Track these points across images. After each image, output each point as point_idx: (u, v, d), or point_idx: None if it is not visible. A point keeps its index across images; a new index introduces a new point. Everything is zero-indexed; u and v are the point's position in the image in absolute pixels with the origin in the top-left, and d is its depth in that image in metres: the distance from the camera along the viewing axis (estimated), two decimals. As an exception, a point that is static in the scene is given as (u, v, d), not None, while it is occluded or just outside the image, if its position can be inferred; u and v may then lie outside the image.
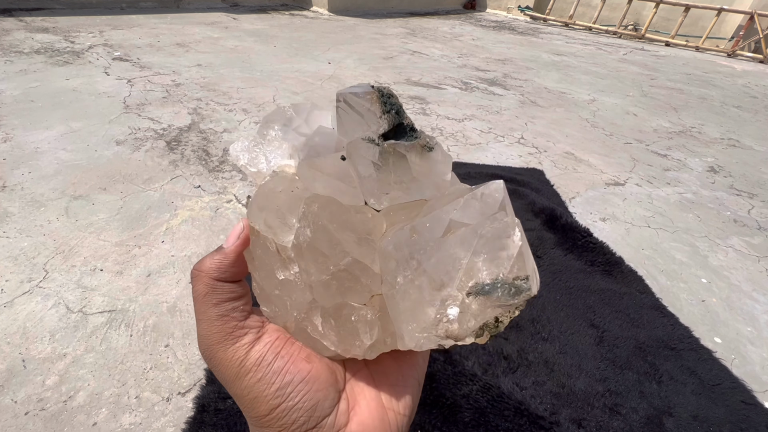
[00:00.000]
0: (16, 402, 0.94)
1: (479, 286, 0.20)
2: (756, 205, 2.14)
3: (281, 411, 0.22)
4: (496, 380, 1.05)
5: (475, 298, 0.20)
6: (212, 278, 0.24)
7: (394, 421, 0.25)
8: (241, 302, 0.25)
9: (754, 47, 6.71)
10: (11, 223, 1.45)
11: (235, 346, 0.23)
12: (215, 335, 0.23)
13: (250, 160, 0.26)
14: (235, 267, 0.25)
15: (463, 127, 2.69)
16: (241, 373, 0.23)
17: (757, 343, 1.31)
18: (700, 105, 3.72)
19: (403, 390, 0.26)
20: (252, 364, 0.23)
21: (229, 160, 1.99)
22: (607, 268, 1.51)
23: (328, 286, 0.23)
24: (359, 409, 0.24)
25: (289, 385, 0.23)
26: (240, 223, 0.26)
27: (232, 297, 0.24)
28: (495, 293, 0.20)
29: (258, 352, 0.23)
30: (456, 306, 0.21)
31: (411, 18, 7.08)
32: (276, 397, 0.22)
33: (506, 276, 0.20)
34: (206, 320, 0.24)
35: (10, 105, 2.30)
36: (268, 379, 0.23)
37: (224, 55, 3.65)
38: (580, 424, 0.99)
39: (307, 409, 0.23)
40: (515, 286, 0.20)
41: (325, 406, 0.23)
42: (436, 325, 0.21)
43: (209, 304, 0.24)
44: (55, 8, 4.76)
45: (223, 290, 0.24)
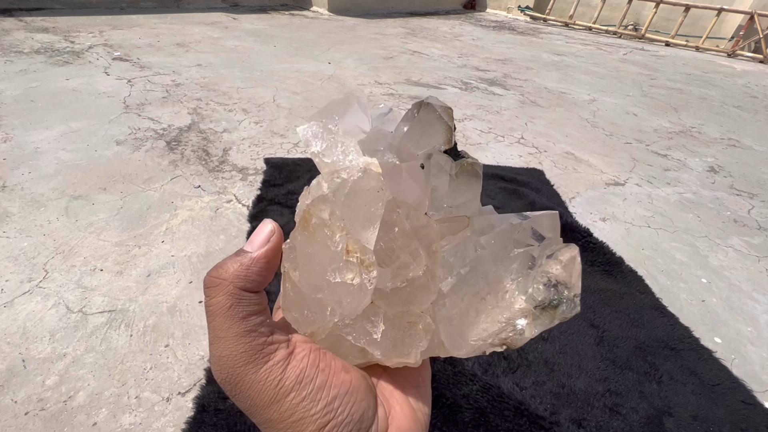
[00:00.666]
0: (16, 402, 0.94)
1: (547, 300, 0.23)
2: (756, 205, 2.14)
3: (331, 428, 0.21)
4: (496, 380, 1.05)
5: (543, 310, 0.22)
6: (238, 287, 0.21)
7: (423, 421, 0.25)
8: (266, 315, 0.22)
9: (754, 47, 6.71)
10: (11, 223, 1.45)
11: (267, 366, 0.21)
12: (242, 355, 0.20)
13: (325, 150, 0.24)
14: (263, 275, 0.22)
15: (463, 127, 2.69)
16: (280, 395, 0.20)
17: (757, 343, 1.31)
18: (700, 105, 3.72)
19: (424, 390, 0.26)
20: (292, 383, 0.21)
21: (231, 153, 1.99)
22: (607, 268, 1.51)
23: (401, 294, 0.22)
24: (395, 414, 0.24)
25: (336, 400, 0.21)
26: (268, 224, 0.23)
27: (258, 310, 0.22)
28: (561, 307, 0.22)
29: (297, 368, 0.21)
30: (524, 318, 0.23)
31: (411, 18, 7.08)
32: (324, 414, 0.21)
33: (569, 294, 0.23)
34: (230, 338, 0.21)
35: (10, 105, 2.30)
36: (313, 396, 0.21)
37: (224, 55, 3.66)
38: (580, 424, 0.99)
39: (356, 422, 0.21)
40: (574, 302, 0.23)
41: (369, 415, 0.23)
42: (498, 334, 0.23)
43: (235, 319, 0.21)
44: (55, 8, 4.76)
45: (250, 302, 0.21)
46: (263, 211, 1.62)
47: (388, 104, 0.25)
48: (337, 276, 0.23)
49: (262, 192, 1.75)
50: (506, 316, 0.23)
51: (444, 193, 0.23)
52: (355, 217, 0.22)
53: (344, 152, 0.24)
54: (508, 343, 0.23)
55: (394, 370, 0.26)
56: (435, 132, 0.23)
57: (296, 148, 2.17)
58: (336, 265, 0.23)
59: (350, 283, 0.22)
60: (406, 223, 0.22)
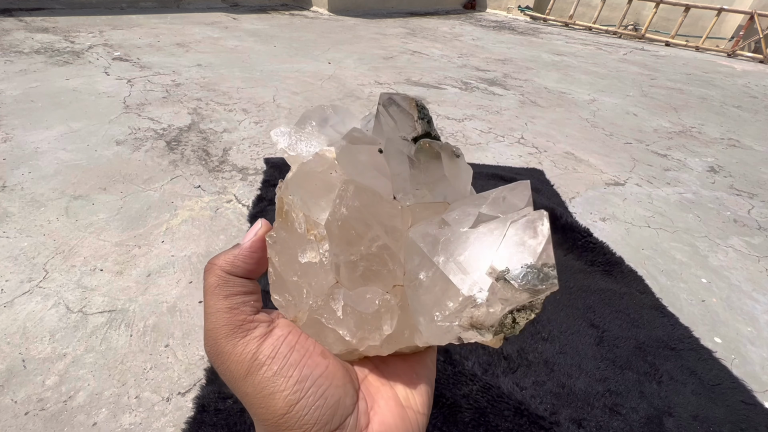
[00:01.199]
0: (16, 402, 0.94)
1: (508, 271, 0.21)
2: (756, 205, 2.14)
3: (301, 408, 0.21)
4: (496, 380, 1.05)
5: (504, 283, 0.21)
6: (224, 271, 0.24)
7: (414, 420, 0.24)
8: (252, 297, 0.24)
9: (754, 47, 6.71)
10: (11, 223, 1.45)
11: (245, 339, 0.22)
12: (223, 328, 0.22)
13: (290, 145, 0.26)
14: (248, 263, 0.24)
15: (463, 127, 2.69)
16: (254, 367, 0.21)
17: (757, 343, 1.31)
18: (700, 105, 3.72)
19: (419, 387, 0.25)
20: (266, 357, 0.21)
21: (231, 153, 1.99)
22: (607, 268, 1.51)
23: (355, 268, 0.23)
24: (379, 409, 0.23)
25: (308, 379, 0.21)
26: (259, 221, 0.26)
27: (243, 291, 0.24)
28: (525, 277, 0.21)
29: (271, 344, 0.22)
30: (485, 291, 0.21)
31: (411, 18, 7.08)
32: (295, 391, 0.21)
33: (535, 262, 0.21)
34: (214, 313, 0.23)
35: (10, 105, 2.30)
36: (285, 372, 0.21)
37: (224, 55, 3.65)
38: (580, 424, 0.99)
39: (330, 407, 0.21)
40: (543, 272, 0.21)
41: (347, 403, 0.22)
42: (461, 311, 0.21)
43: (219, 296, 0.23)
44: (55, 8, 4.76)
45: (234, 283, 0.23)
46: (263, 211, 1.62)
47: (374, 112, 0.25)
48: (305, 256, 0.24)
49: (262, 192, 1.75)
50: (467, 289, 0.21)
51: (407, 176, 0.23)
52: (309, 197, 0.23)
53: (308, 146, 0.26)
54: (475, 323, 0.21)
55: (385, 369, 0.26)
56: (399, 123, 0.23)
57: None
58: (302, 246, 0.24)
59: (314, 261, 0.24)
60: (356, 200, 0.22)
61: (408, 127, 0.23)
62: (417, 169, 0.23)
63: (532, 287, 0.21)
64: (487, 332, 0.22)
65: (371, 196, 0.23)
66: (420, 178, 0.23)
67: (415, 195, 0.23)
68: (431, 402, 0.26)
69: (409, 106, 0.23)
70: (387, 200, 0.23)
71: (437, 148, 0.23)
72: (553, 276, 0.21)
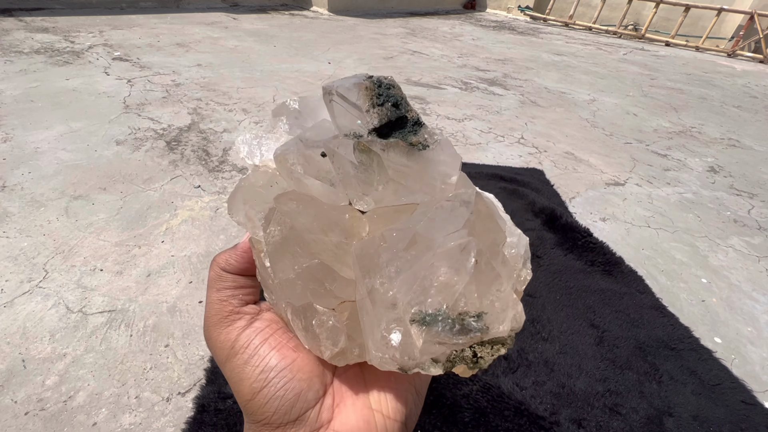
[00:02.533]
0: (16, 402, 0.94)
1: (421, 315, 0.18)
2: (756, 205, 2.14)
3: (263, 397, 0.22)
4: (496, 380, 1.05)
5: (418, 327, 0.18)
6: (220, 267, 0.26)
7: (382, 424, 0.23)
8: (242, 292, 0.26)
9: (754, 47, 6.71)
10: (11, 223, 1.45)
11: (228, 329, 0.24)
12: (213, 317, 0.25)
13: (249, 153, 0.26)
14: (240, 261, 0.26)
15: (463, 127, 2.69)
16: (231, 354, 0.23)
17: (757, 343, 1.31)
18: (700, 105, 3.72)
19: (395, 393, 0.24)
20: (240, 346, 0.23)
21: (231, 153, 1.99)
22: (607, 268, 1.51)
23: (293, 287, 0.22)
24: (344, 407, 0.24)
25: (272, 370, 0.23)
26: None
27: (233, 286, 0.26)
28: (435, 327, 0.17)
29: (247, 336, 0.24)
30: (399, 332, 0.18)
31: (411, 18, 7.08)
32: (258, 380, 0.22)
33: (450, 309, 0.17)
34: (209, 303, 0.25)
35: (10, 105, 2.30)
36: (253, 362, 0.23)
37: (224, 55, 3.65)
38: (580, 424, 0.99)
39: (289, 399, 0.22)
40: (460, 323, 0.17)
41: (309, 397, 0.23)
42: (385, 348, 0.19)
43: (213, 289, 0.25)
44: (55, 8, 4.76)
45: (226, 278, 0.26)
46: (263, 211, 1.62)
47: None
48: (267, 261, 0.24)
49: (262, 192, 1.75)
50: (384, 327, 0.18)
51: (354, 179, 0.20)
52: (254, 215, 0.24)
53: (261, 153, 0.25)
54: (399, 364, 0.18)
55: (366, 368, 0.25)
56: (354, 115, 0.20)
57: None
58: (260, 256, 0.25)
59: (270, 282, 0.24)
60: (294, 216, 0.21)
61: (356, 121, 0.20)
62: (366, 172, 0.20)
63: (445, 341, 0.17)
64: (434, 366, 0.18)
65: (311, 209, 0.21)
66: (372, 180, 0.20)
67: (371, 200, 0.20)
68: (412, 411, 0.25)
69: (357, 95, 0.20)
70: (334, 209, 0.21)
71: (377, 149, 0.19)
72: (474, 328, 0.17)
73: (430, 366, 0.18)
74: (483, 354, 0.18)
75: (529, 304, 1.32)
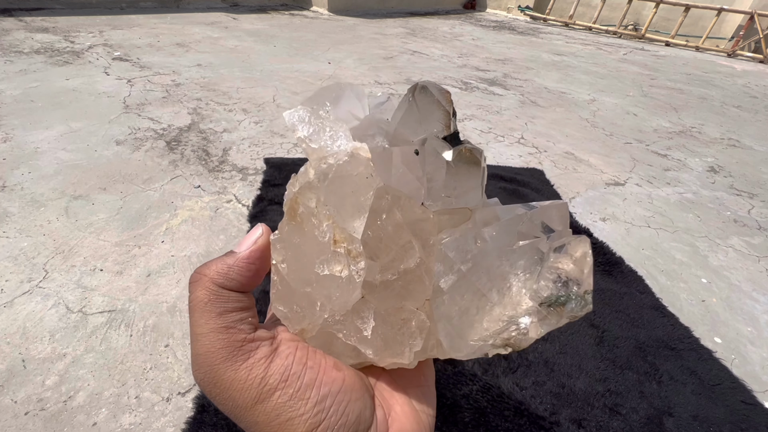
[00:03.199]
0: (16, 402, 0.94)
1: (554, 297, 0.21)
2: (756, 205, 2.14)
3: (324, 429, 0.19)
4: (496, 380, 1.05)
5: (549, 309, 0.21)
6: (216, 284, 0.21)
7: (427, 423, 0.24)
8: (249, 314, 0.21)
9: (754, 47, 6.71)
10: (11, 223, 1.45)
11: (248, 363, 0.19)
12: (220, 351, 0.19)
13: (312, 134, 0.22)
14: (245, 275, 0.21)
15: (463, 127, 2.69)
16: (264, 393, 0.19)
17: (757, 343, 1.31)
18: (700, 105, 3.72)
19: (428, 390, 0.25)
20: (277, 380, 0.19)
21: (231, 152, 1.99)
22: (607, 268, 1.51)
23: (392, 288, 0.21)
24: (395, 416, 0.23)
25: (328, 398, 0.20)
26: (259, 227, 0.23)
27: (239, 307, 0.21)
28: (569, 305, 0.20)
29: (281, 365, 0.20)
30: (529, 316, 0.21)
31: (411, 18, 7.08)
32: (315, 414, 0.19)
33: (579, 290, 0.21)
34: (206, 334, 0.20)
35: (10, 105, 2.30)
36: (301, 395, 0.19)
37: (224, 55, 3.65)
38: (580, 424, 0.99)
39: (351, 423, 0.20)
40: (585, 300, 0.21)
41: (367, 415, 0.21)
42: (500, 334, 0.21)
43: (211, 314, 0.20)
44: (55, 8, 4.76)
45: (228, 298, 0.21)
46: (263, 211, 1.62)
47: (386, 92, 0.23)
48: (326, 268, 0.21)
49: (262, 192, 1.75)
50: (509, 314, 0.21)
51: (441, 181, 0.21)
52: (341, 204, 0.21)
53: (332, 137, 0.22)
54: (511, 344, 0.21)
55: (395, 371, 0.25)
56: (432, 117, 0.21)
57: (296, 148, 2.17)
58: (324, 256, 0.22)
59: (339, 275, 0.21)
60: (396, 212, 0.21)
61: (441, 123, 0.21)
62: (453, 177, 0.21)
63: (574, 315, 0.20)
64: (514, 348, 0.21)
65: (409, 208, 0.21)
66: (454, 185, 0.21)
67: (444, 201, 0.21)
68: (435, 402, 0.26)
69: (446, 100, 0.21)
70: (420, 209, 0.22)
71: (478, 156, 0.21)
72: (590, 302, 0.21)
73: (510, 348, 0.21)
74: None
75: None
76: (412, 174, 0.21)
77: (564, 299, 0.21)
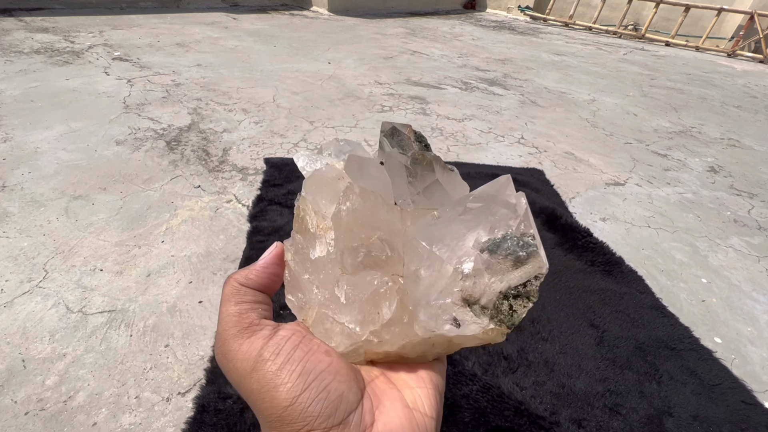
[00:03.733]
0: (16, 402, 0.94)
1: (491, 241, 0.24)
2: (756, 205, 2.14)
3: (304, 400, 0.21)
4: (496, 380, 1.05)
5: (488, 253, 0.23)
6: (239, 283, 0.26)
7: (422, 422, 0.24)
8: (261, 306, 0.26)
9: (754, 47, 6.71)
10: (11, 223, 1.45)
11: (252, 338, 0.23)
12: (232, 329, 0.24)
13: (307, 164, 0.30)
14: (261, 276, 0.27)
15: (463, 127, 2.69)
16: (259, 363, 0.22)
17: (757, 343, 1.31)
18: (700, 105, 3.72)
19: (426, 391, 0.25)
20: (271, 353, 0.23)
21: (231, 153, 1.99)
22: (607, 268, 1.51)
23: (356, 253, 0.25)
24: (384, 409, 0.23)
25: (311, 373, 0.22)
26: (275, 244, 0.29)
27: (253, 300, 0.26)
28: (505, 244, 0.23)
29: (276, 343, 0.23)
30: (471, 261, 0.24)
31: (411, 18, 7.08)
32: (298, 384, 0.21)
33: (515, 232, 0.24)
34: (225, 317, 0.25)
35: (10, 105, 2.30)
36: (288, 366, 0.22)
37: (224, 55, 3.65)
38: (580, 424, 0.99)
39: (332, 400, 0.21)
40: (523, 240, 0.23)
41: (351, 399, 0.22)
42: (452, 286, 0.24)
43: (231, 303, 0.25)
44: (55, 8, 4.76)
45: (246, 293, 0.26)
46: (263, 211, 1.62)
47: None
48: (315, 252, 0.26)
49: (262, 192, 1.75)
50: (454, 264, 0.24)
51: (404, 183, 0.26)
52: (317, 194, 0.27)
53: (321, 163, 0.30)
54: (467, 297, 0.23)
55: (391, 375, 0.26)
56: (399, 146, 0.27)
57: (296, 148, 2.17)
58: (313, 242, 0.27)
59: (323, 255, 0.26)
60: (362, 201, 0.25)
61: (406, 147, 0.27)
62: (413, 177, 0.25)
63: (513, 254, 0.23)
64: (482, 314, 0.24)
65: (374, 198, 0.25)
66: (416, 184, 0.26)
67: (414, 201, 0.26)
68: (440, 408, 0.26)
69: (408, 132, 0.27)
70: (388, 203, 0.26)
71: (430, 158, 0.26)
72: (532, 244, 0.23)
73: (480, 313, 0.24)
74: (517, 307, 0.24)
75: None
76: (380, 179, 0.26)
77: (499, 241, 0.24)
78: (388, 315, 0.25)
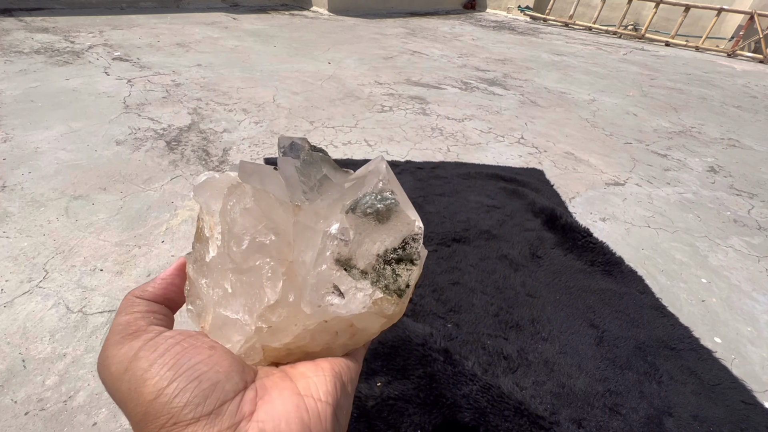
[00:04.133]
0: (16, 402, 0.94)
1: (352, 201, 0.25)
2: (756, 205, 2.14)
3: (171, 391, 0.19)
4: (496, 380, 1.05)
5: (351, 211, 0.25)
6: (134, 296, 0.25)
7: (314, 407, 0.22)
8: (154, 315, 0.25)
9: (754, 47, 6.71)
10: (11, 223, 1.45)
11: (132, 342, 0.22)
12: (114, 336, 0.22)
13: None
14: (157, 288, 0.26)
15: (463, 127, 2.69)
16: (133, 362, 0.20)
17: (757, 343, 1.31)
18: (700, 105, 3.72)
19: (322, 378, 0.24)
20: (147, 351, 0.21)
21: (231, 153, 1.99)
22: (607, 268, 1.51)
23: (241, 241, 0.25)
24: (270, 398, 0.22)
25: (184, 365, 0.20)
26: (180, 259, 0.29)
27: (146, 309, 0.25)
28: (363, 200, 0.24)
29: (156, 341, 0.22)
30: (336, 222, 0.25)
31: (411, 18, 7.08)
32: (166, 377, 0.20)
33: (373, 190, 0.25)
34: (112, 327, 0.23)
35: (10, 105, 2.30)
36: (161, 360, 0.20)
37: (224, 55, 3.65)
38: (580, 424, 0.99)
39: (203, 389, 0.20)
40: (381, 196, 0.25)
41: (226, 388, 0.21)
42: (324, 251, 0.24)
43: (122, 314, 0.24)
44: (55, 8, 4.76)
45: (139, 303, 0.25)
46: (263, 211, 1.62)
47: None
48: (210, 254, 0.27)
49: (262, 192, 1.75)
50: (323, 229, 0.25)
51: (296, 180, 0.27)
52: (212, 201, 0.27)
53: None
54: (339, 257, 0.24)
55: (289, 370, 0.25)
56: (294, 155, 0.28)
57: (296, 148, 2.17)
58: (207, 246, 0.27)
59: (215, 255, 0.26)
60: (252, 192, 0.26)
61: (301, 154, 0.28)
62: (304, 175, 0.27)
63: (371, 207, 0.24)
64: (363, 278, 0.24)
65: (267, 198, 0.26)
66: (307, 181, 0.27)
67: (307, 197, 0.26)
68: (342, 396, 0.24)
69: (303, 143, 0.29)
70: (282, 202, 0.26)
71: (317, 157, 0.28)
72: (391, 198, 0.25)
73: (360, 277, 0.24)
74: (400, 271, 0.24)
75: (529, 304, 1.32)
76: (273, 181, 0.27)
77: (359, 198, 0.25)
78: (274, 297, 0.24)
